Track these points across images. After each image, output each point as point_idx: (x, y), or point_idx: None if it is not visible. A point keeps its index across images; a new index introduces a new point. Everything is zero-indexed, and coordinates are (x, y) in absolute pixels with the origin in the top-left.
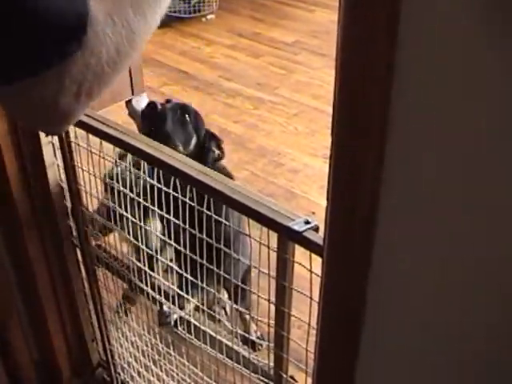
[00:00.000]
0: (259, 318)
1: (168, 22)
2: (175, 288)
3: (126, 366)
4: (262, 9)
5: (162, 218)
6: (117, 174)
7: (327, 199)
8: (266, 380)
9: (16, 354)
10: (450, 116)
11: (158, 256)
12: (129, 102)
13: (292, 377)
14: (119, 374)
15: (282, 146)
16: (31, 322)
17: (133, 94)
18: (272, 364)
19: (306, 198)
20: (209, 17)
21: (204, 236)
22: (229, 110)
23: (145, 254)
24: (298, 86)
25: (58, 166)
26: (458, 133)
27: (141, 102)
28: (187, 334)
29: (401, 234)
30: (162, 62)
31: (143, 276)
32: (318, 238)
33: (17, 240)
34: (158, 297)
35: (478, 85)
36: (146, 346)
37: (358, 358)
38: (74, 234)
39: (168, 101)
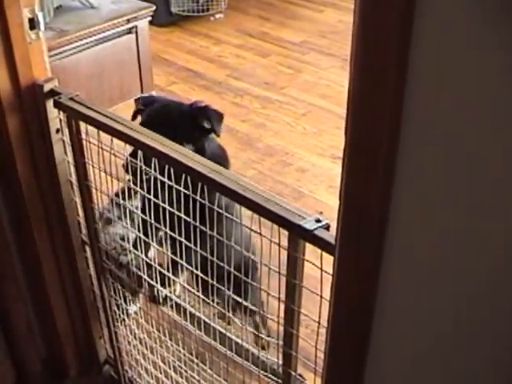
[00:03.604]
0: (268, 316)
1: (176, 20)
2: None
3: (133, 363)
4: (271, 8)
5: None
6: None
7: (339, 198)
8: (274, 378)
9: (24, 350)
10: (464, 113)
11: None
12: (138, 100)
13: (300, 375)
14: (127, 372)
15: (290, 146)
16: (39, 319)
17: (142, 92)
18: (281, 362)
19: (314, 197)
20: (217, 16)
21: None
22: (237, 109)
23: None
24: (305, 86)
25: (68, 162)
26: (466, 135)
27: None
28: (197, 331)
29: (412, 234)
30: (171, 60)
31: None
32: (329, 236)
33: (26, 236)
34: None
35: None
36: (155, 342)
37: (367, 356)
38: (84, 230)
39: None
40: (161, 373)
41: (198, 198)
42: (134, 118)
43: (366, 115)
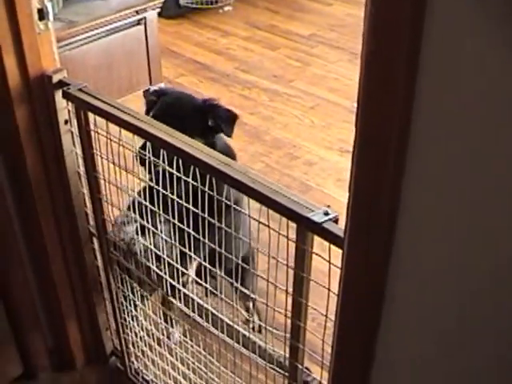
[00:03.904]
0: (276, 309)
1: (185, 13)
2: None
3: (140, 354)
4: (279, 1)
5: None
6: None
7: (349, 191)
8: (281, 371)
9: (30, 342)
10: (470, 110)
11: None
12: (147, 92)
13: (307, 368)
14: (133, 363)
15: (298, 139)
16: (46, 310)
17: (151, 84)
18: (287, 355)
19: (321, 190)
20: (225, 8)
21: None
22: (245, 102)
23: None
24: (314, 79)
25: (76, 153)
26: (473, 132)
27: None
28: (205, 323)
29: (422, 227)
30: (179, 53)
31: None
32: (338, 229)
33: (33, 227)
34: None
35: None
36: (162, 334)
37: (375, 350)
38: (91, 222)
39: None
40: (167, 364)
41: (206, 190)
42: (148, 110)
43: (377, 110)
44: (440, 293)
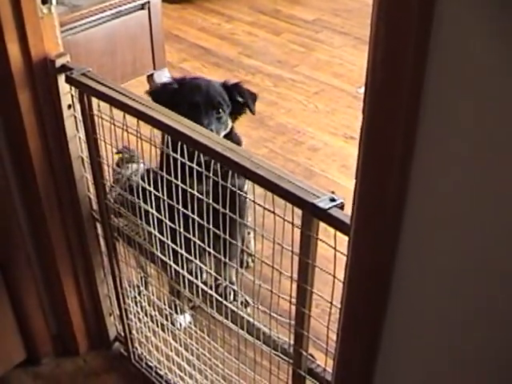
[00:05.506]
0: (281, 295)
1: None
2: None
3: (143, 340)
4: None
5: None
6: None
7: (356, 178)
8: (285, 358)
9: (34, 327)
10: (486, 92)
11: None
12: (150, 77)
13: (311, 355)
14: (136, 349)
15: (302, 124)
16: (49, 295)
17: (154, 69)
18: (292, 342)
19: (325, 176)
20: None
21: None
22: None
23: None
24: (318, 64)
25: (79, 138)
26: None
27: (162, 77)
28: (209, 309)
29: (430, 215)
30: (182, 37)
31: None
32: (344, 215)
33: (36, 212)
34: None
35: None
36: (166, 320)
37: (381, 336)
38: (95, 207)
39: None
40: (171, 350)
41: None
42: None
43: (384, 99)
44: (446, 286)
